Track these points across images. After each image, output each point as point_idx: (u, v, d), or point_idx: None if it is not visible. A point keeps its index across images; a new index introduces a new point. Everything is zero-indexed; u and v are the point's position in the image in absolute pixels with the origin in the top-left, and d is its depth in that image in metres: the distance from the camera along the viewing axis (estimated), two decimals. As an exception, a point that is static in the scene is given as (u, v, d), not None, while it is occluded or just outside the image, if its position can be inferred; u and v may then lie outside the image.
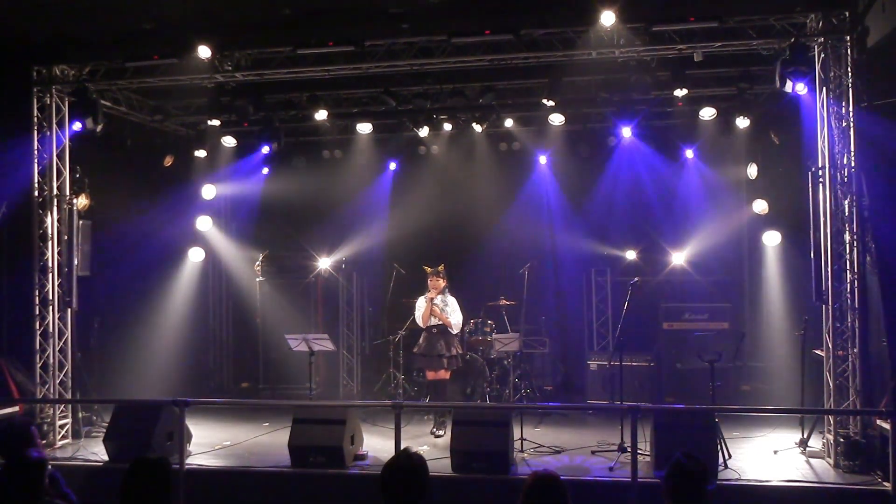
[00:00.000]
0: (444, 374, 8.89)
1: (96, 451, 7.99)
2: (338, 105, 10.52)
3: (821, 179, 7.51)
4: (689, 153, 11.07)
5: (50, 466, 4.43)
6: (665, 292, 10.93)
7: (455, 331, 8.96)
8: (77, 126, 8.76)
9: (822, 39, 7.53)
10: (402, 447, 5.15)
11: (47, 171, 8.83)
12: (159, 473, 3.75)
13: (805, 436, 7.77)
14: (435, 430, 8.80)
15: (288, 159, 11.80)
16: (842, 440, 7.15)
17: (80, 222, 9.01)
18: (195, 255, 11.91)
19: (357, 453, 7.73)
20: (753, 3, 7.72)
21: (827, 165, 7.47)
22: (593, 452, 7.87)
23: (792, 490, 6.74)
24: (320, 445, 7.37)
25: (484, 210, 11.53)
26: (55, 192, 8.84)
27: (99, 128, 8.84)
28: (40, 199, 8.80)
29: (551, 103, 9.38)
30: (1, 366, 8.82)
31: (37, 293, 8.71)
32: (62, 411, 8.73)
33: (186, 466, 6.91)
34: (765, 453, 7.76)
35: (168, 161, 11.08)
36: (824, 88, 7.51)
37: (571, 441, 8.36)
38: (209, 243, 12.17)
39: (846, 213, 7.42)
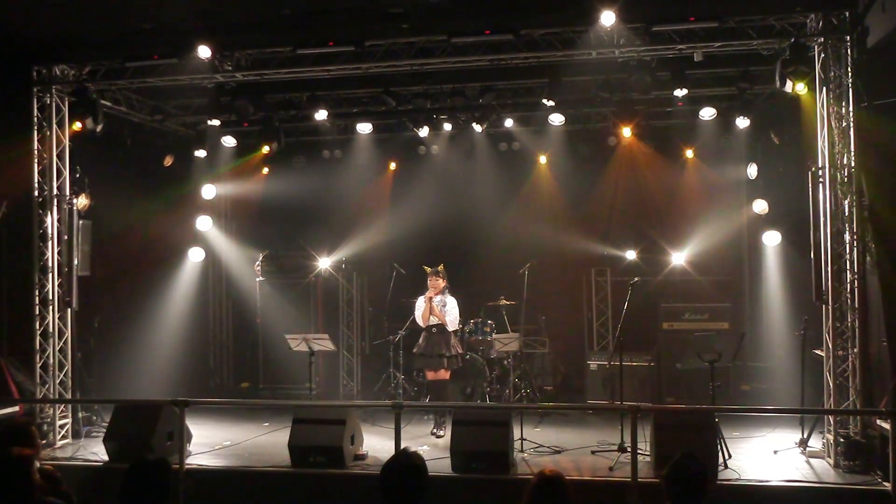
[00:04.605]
0: (445, 374, 8.89)
1: (96, 451, 7.99)
2: (338, 105, 10.52)
3: (821, 179, 7.51)
4: (689, 153, 11.07)
5: (46, 465, 4.43)
6: (665, 292, 10.91)
7: (450, 328, 8.95)
8: (77, 126, 8.76)
9: (822, 39, 7.52)
10: (402, 447, 5.15)
11: (47, 171, 8.83)
12: (159, 474, 3.75)
13: (805, 436, 7.77)
14: (435, 430, 8.80)
15: (288, 159, 11.80)
16: (842, 440, 7.14)
17: (80, 222, 9.01)
18: (195, 255, 11.91)
19: (357, 453, 7.73)
20: (753, 3, 7.71)
21: (827, 165, 7.47)
22: (593, 452, 7.87)
23: (792, 490, 6.74)
24: (320, 445, 7.37)
25: (484, 210, 11.52)
26: (55, 192, 8.83)
27: (99, 128, 8.84)
28: (40, 199, 8.80)
29: (551, 103, 9.37)
30: (1, 366, 8.83)
31: (37, 293, 8.70)
32: (62, 411, 8.73)
33: (186, 466, 6.91)
34: (765, 453, 7.76)
35: (168, 161, 11.08)
36: (824, 88, 7.51)
37: (571, 441, 8.36)
38: (209, 243, 12.17)
39: (846, 213, 7.42)
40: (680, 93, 9.06)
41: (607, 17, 7.52)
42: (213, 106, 9.98)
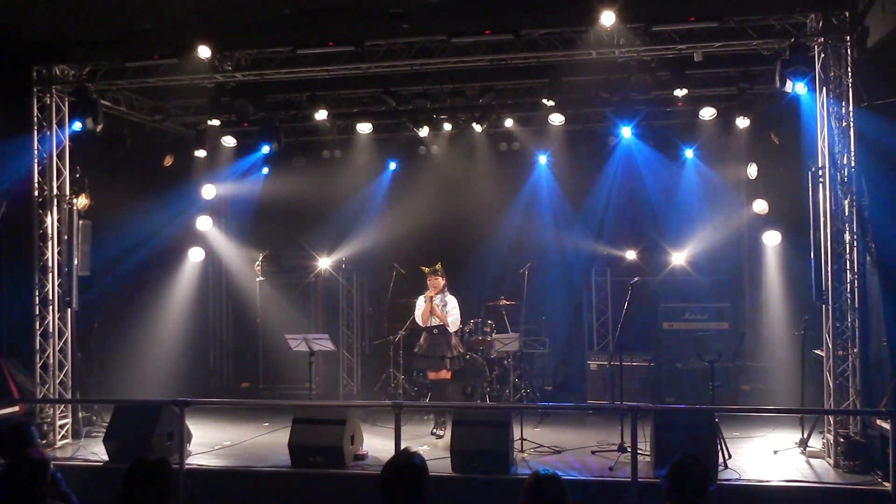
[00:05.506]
0: (446, 375, 8.89)
1: (96, 451, 8.00)
2: (338, 105, 10.52)
3: (821, 179, 7.52)
4: (689, 153, 11.07)
5: (51, 466, 4.43)
6: (665, 292, 10.92)
7: (452, 329, 8.95)
8: (77, 126, 8.78)
9: (822, 39, 7.53)
10: (402, 447, 5.16)
11: (47, 171, 8.84)
12: (159, 474, 3.75)
13: (805, 436, 7.77)
14: (435, 430, 8.80)
15: (288, 159, 11.80)
16: (842, 440, 7.15)
17: (80, 222, 9.01)
18: (195, 255, 11.91)
19: (357, 453, 7.73)
20: (753, 3, 7.73)
21: (827, 165, 7.47)
22: (593, 452, 7.87)
23: (792, 490, 6.74)
24: (320, 445, 7.37)
25: (484, 210, 11.52)
26: (55, 192, 8.84)
27: (99, 128, 8.85)
28: (40, 199, 8.80)
29: (551, 103, 9.38)
30: (1, 366, 8.83)
31: (37, 293, 8.71)
32: (62, 411, 8.74)
33: (186, 466, 6.92)
34: (765, 453, 7.77)
35: (168, 161, 11.08)
36: (824, 88, 7.51)
37: (571, 441, 8.36)
38: (209, 243, 12.17)
39: (846, 213, 7.43)
40: (680, 93, 9.08)
41: (607, 17, 7.54)
42: (213, 106, 9.99)
